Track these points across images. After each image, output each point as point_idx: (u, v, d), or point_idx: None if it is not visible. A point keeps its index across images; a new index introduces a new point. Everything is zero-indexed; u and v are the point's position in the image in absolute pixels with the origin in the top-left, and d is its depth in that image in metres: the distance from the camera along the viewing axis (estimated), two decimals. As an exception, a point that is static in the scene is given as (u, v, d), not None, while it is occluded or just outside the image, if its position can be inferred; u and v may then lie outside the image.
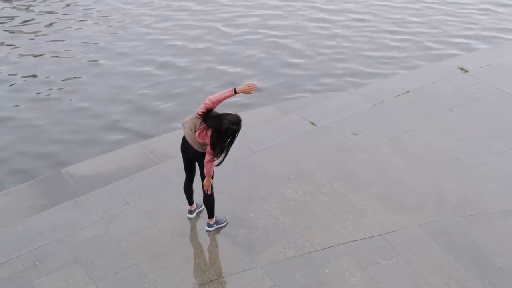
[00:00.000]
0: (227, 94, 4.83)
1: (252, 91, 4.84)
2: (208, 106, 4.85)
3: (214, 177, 5.33)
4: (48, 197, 6.15)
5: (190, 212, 5.81)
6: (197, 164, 5.35)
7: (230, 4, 13.13)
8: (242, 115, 4.91)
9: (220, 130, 4.76)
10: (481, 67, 9.31)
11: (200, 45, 10.94)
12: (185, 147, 5.19)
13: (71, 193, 6.18)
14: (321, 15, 12.61)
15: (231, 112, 4.89)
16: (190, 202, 5.76)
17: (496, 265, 5.30)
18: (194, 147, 5.07)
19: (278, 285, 5.02)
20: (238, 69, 10.04)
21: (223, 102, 4.88)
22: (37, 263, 5.18)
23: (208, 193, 5.36)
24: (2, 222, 5.74)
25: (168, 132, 7.63)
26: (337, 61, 10.44)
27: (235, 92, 4.81)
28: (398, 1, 13.62)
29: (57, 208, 5.92)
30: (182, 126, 5.18)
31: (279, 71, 9.99)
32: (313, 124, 7.55)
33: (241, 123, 4.83)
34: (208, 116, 4.88)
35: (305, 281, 5.06)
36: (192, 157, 5.25)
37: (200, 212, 5.87)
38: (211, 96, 4.86)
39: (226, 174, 6.37)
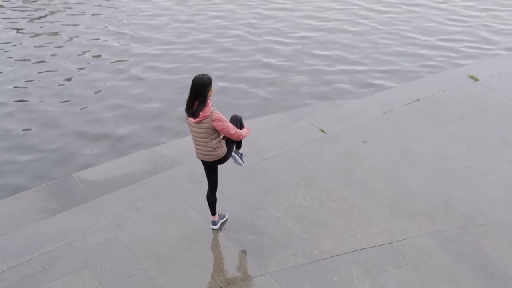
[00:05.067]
0: None
1: None
2: None
3: (220, 182, 5.44)
4: (59, 201, 6.20)
5: (214, 223, 5.70)
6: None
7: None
8: (252, 122, 4.94)
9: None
10: (492, 75, 9.28)
11: (208, 51, 11.03)
12: (201, 158, 5.30)
13: (81, 198, 6.23)
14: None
15: None
16: (213, 212, 5.65)
17: (506, 274, 5.26)
18: (207, 160, 5.22)
19: (286, 292, 5.03)
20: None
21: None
22: (48, 267, 5.21)
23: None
24: (13, 226, 5.79)
25: (178, 138, 7.68)
26: (342, 70, 10.47)
27: None
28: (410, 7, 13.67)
29: (67, 212, 5.97)
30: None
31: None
32: (322, 131, 7.56)
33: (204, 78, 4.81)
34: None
35: (313, 289, 5.06)
36: (209, 165, 5.34)
37: (224, 223, 5.78)
38: None
39: (235, 180, 6.40)
